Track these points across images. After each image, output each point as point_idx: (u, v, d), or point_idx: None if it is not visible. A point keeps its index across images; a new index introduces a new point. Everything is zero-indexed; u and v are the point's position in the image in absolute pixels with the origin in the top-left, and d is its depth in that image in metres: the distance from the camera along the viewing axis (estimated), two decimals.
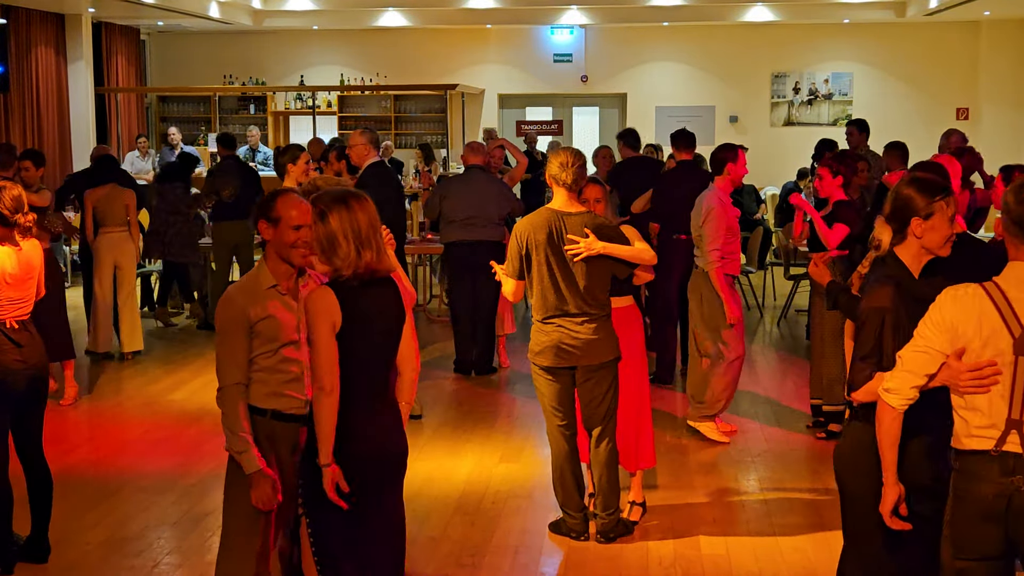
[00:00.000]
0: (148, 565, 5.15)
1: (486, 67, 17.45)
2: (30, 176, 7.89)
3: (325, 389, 3.51)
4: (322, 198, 3.61)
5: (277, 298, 3.80)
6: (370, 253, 3.55)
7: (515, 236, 5.18)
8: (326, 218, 3.55)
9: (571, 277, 5.11)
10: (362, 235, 3.54)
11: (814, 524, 5.57)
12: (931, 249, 3.46)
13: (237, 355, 3.74)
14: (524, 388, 8.35)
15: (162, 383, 8.59)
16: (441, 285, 11.26)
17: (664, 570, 5.05)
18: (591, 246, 5.05)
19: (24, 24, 13.50)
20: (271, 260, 3.83)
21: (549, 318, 5.16)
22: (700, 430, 6.97)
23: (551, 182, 5.18)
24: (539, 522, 5.60)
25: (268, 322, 3.75)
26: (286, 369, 3.81)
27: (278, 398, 3.81)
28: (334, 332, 3.51)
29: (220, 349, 3.77)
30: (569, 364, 5.17)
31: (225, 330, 3.76)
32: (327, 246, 3.55)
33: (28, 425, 5.00)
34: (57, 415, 7.49)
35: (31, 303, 4.97)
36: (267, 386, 3.80)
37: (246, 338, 3.74)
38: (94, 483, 6.31)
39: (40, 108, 13.91)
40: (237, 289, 3.82)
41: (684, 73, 17.30)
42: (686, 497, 5.97)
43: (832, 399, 6.83)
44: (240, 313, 3.73)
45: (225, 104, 17.41)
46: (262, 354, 3.78)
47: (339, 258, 3.54)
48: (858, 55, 16.93)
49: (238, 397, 3.74)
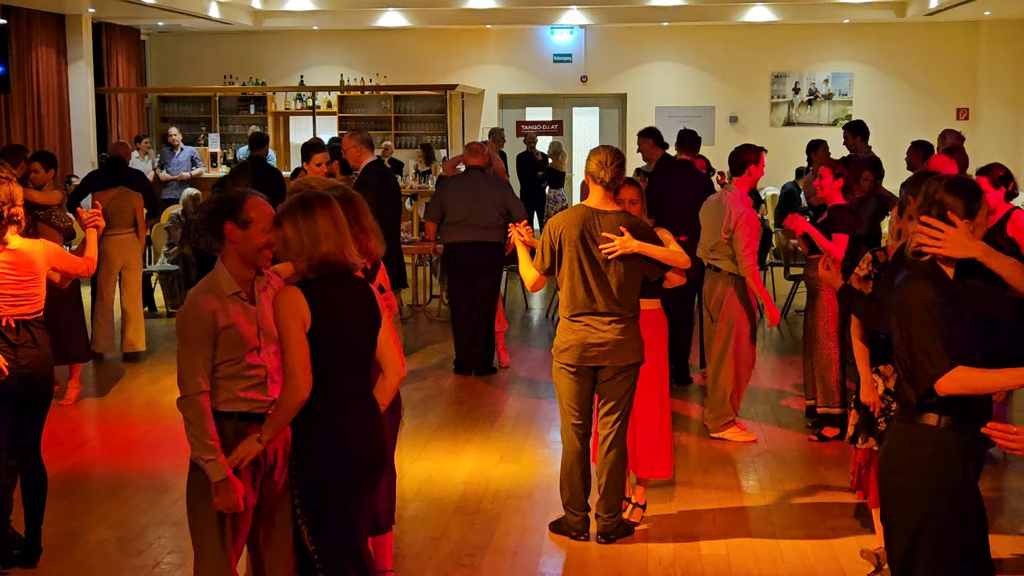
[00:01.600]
0: (148, 565, 5.16)
1: (486, 67, 17.46)
2: (40, 178, 7.80)
3: (300, 392, 3.51)
4: (285, 204, 3.63)
5: (239, 304, 3.74)
6: (328, 245, 3.55)
7: (547, 230, 5.18)
8: (280, 223, 3.58)
9: (602, 276, 5.09)
10: (319, 233, 3.54)
11: (814, 524, 5.57)
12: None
13: (201, 363, 3.67)
14: (524, 388, 8.35)
15: (163, 383, 8.60)
16: (441, 285, 11.27)
17: (664, 570, 5.05)
18: (626, 244, 5.03)
19: (24, 24, 13.51)
20: (232, 263, 3.75)
21: (577, 316, 5.14)
22: (726, 438, 6.95)
23: (588, 179, 5.17)
24: (539, 522, 5.60)
25: (231, 331, 3.70)
26: (249, 375, 3.77)
27: (242, 402, 3.77)
28: (304, 330, 3.52)
29: (184, 357, 3.69)
30: (594, 364, 5.16)
31: (190, 338, 3.68)
32: (283, 246, 3.59)
33: (26, 426, 4.96)
34: (58, 415, 7.50)
35: (35, 303, 4.92)
36: (230, 392, 3.76)
37: (211, 346, 3.68)
38: (94, 483, 6.32)
39: (40, 108, 13.92)
40: (201, 295, 3.72)
41: (684, 73, 17.31)
42: (686, 497, 5.97)
43: (829, 402, 6.82)
44: (207, 320, 3.67)
45: (225, 104, 17.41)
46: (226, 362, 3.72)
47: (293, 252, 3.56)
48: (858, 55, 16.94)
49: (204, 405, 3.68)
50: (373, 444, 3.70)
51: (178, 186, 13.96)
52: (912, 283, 3.39)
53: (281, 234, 3.58)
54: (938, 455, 3.36)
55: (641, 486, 5.61)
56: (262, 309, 3.79)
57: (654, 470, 5.60)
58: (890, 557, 3.55)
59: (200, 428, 3.67)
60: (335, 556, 3.67)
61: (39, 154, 8.05)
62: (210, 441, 3.65)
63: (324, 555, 3.67)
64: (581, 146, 17.62)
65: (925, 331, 3.31)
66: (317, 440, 3.60)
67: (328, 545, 3.66)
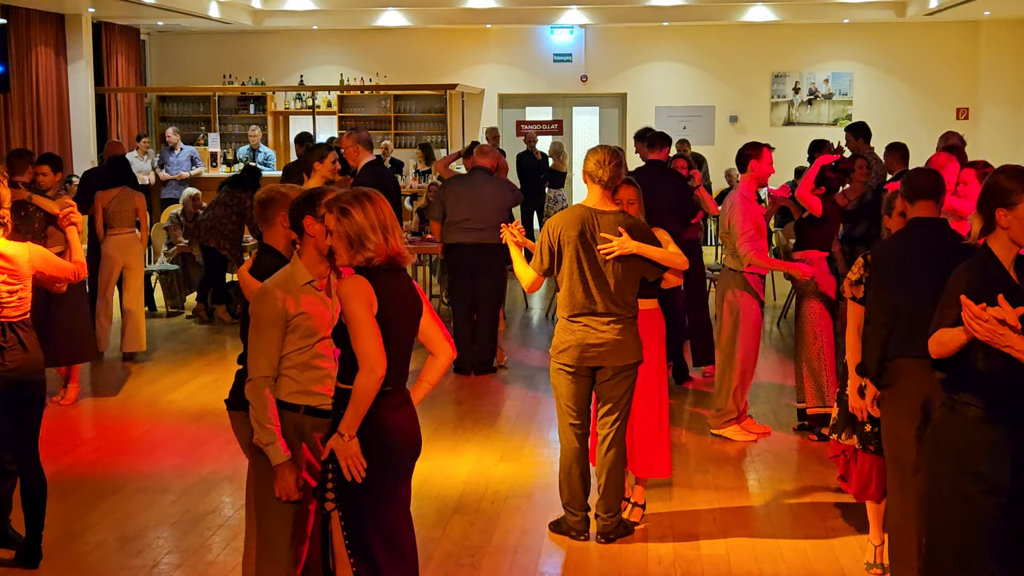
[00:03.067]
0: (148, 565, 5.15)
1: (486, 67, 17.46)
2: (47, 181, 7.67)
3: (376, 372, 3.52)
4: (342, 197, 3.65)
5: (313, 294, 3.85)
6: (395, 240, 3.62)
7: (546, 231, 5.15)
8: (348, 214, 3.58)
9: (601, 276, 5.08)
10: (387, 224, 3.60)
11: (814, 524, 5.57)
12: (1017, 240, 3.40)
13: (270, 349, 3.79)
14: (524, 388, 8.35)
15: (162, 383, 8.60)
16: (441, 285, 11.27)
17: (664, 570, 5.05)
18: (624, 245, 5.02)
19: (24, 24, 13.50)
20: (308, 256, 3.87)
21: (576, 316, 5.13)
22: (726, 436, 6.95)
23: (586, 179, 5.14)
24: (539, 522, 5.60)
25: (304, 318, 3.80)
26: (318, 366, 3.86)
27: (309, 395, 3.86)
28: (373, 314, 3.55)
29: (254, 341, 3.82)
30: (593, 364, 5.15)
31: (261, 323, 3.80)
32: (355, 239, 3.59)
33: (20, 429, 4.92)
34: (57, 415, 7.50)
35: (20, 306, 4.87)
36: (298, 383, 3.85)
37: (281, 332, 3.80)
38: (94, 483, 6.31)
39: (40, 108, 13.91)
40: (274, 283, 3.84)
41: (684, 73, 17.31)
42: (686, 497, 5.97)
43: (822, 401, 6.80)
44: (278, 307, 3.78)
45: (225, 104, 17.41)
46: (297, 350, 3.82)
47: (370, 246, 3.57)
48: (858, 55, 16.94)
49: (267, 390, 3.79)
50: (412, 432, 3.76)
51: (177, 186, 13.96)
52: (956, 271, 3.43)
53: (348, 224, 3.59)
54: (967, 443, 3.37)
55: (640, 485, 5.61)
56: (336, 304, 3.83)
57: (653, 469, 5.59)
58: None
59: (262, 412, 3.78)
60: (368, 545, 3.64)
61: (45, 157, 7.95)
62: (270, 426, 3.77)
63: (356, 545, 3.64)
64: (581, 146, 17.61)
65: (942, 307, 3.34)
66: (365, 428, 3.59)
67: (362, 536, 3.64)
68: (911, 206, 4.46)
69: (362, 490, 3.60)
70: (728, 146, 15.61)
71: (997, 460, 3.39)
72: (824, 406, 6.79)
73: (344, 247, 3.60)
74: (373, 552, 3.64)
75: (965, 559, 3.46)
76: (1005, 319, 3.12)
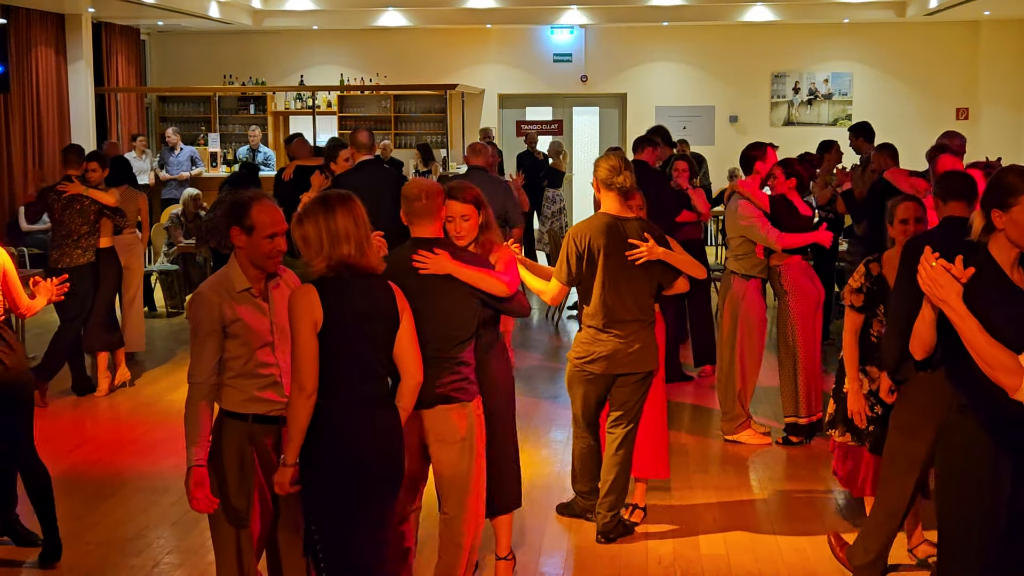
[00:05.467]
0: (148, 565, 5.15)
1: (486, 67, 17.46)
2: (96, 177, 8.12)
3: (306, 390, 3.50)
4: (307, 204, 3.65)
5: (249, 301, 3.79)
6: (348, 248, 3.55)
7: (571, 239, 5.07)
8: (302, 222, 3.59)
9: (628, 283, 5.07)
10: (339, 233, 3.55)
11: (814, 524, 5.57)
12: (1016, 243, 3.34)
13: (207, 353, 3.74)
14: (524, 388, 8.34)
15: (162, 383, 8.60)
16: None
17: (664, 570, 5.05)
18: (653, 251, 5.02)
19: (24, 24, 13.50)
20: (243, 262, 3.80)
21: (608, 325, 5.08)
22: (741, 440, 6.91)
23: (599, 186, 5.10)
24: (539, 522, 5.60)
25: (239, 325, 3.75)
26: (262, 374, 3.79)
27: (257, 403, 3.80)
28: (315, 331, 3.51)
29: (192, 346, 3.79)
30: (621, 372, 5.15)
31: (197, 328, 3.76)
32: (303, 244, 3.60)
33: (12, 430, 4.98)
34: (57, 415, 7.51)
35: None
36: (244, 392, 3.80)
37: (218, 337, 3.74)
38: (94, 483, 6.31)
39: (40, 108, 13.91)
40: (210, 288, 3.79)
41: (684, 73, 17.30)
42: (685, 497, 5.97)
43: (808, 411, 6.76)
44: (213, 312, 3.73)
45: (225, 104, 17.40)
46: (236, 358, 3.77)
47: (313, 252, 3.56)
48: (858, 55, 16.93)
49: (202, 394, 3.74)
50: (382, 449, 3.62)
51: (178, 186, 13.95)
52: None
53: (301, 232, 3.58)
54: (969, 444, 3.38)
55: (641, 484, 5.62)
56: (275, 306, 3.81)
57: (652, 470, 5.60)
58: None
59: (193, 415, 3.73)
60: (339, 563, 3.58)
61: (93, 154, 8.39)
62: (197, 428, 3.71)
63: (328, 562, 3.59)
64: (581, 146, 17.62)
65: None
66: (321, 442, 3.55)
67: (332, 552, 3.58)
68: (944, 205, 4.48)
69: (329, 514, 3.56)
70: (728, 146, 15.63)
71: (1001, 467, 3.39)
72: (805, 416, 6.76)
73: (305, 253, 3.61)
74: (347, 570, 3.60)
75: (975, 559, 3.46)
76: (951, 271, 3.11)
